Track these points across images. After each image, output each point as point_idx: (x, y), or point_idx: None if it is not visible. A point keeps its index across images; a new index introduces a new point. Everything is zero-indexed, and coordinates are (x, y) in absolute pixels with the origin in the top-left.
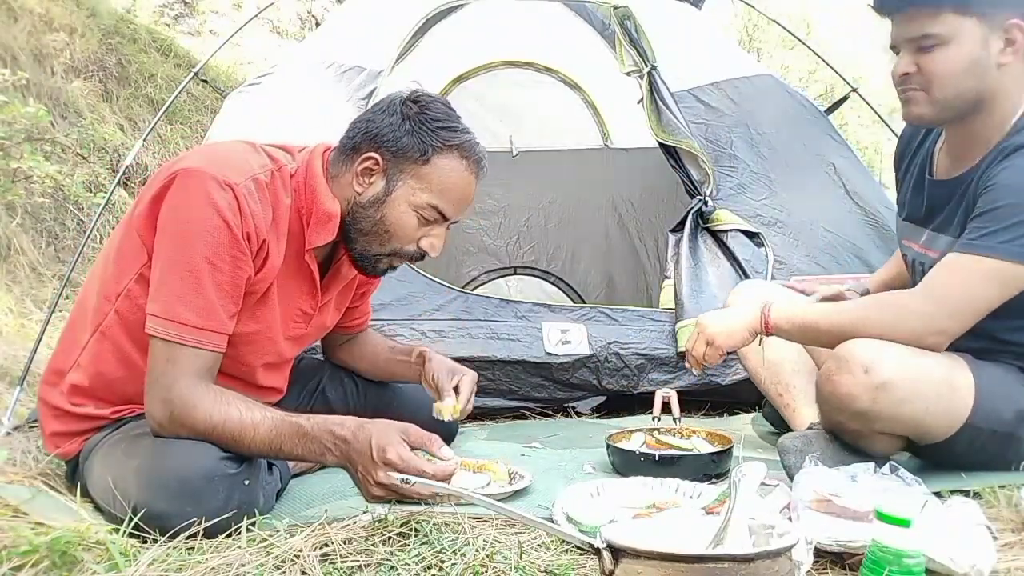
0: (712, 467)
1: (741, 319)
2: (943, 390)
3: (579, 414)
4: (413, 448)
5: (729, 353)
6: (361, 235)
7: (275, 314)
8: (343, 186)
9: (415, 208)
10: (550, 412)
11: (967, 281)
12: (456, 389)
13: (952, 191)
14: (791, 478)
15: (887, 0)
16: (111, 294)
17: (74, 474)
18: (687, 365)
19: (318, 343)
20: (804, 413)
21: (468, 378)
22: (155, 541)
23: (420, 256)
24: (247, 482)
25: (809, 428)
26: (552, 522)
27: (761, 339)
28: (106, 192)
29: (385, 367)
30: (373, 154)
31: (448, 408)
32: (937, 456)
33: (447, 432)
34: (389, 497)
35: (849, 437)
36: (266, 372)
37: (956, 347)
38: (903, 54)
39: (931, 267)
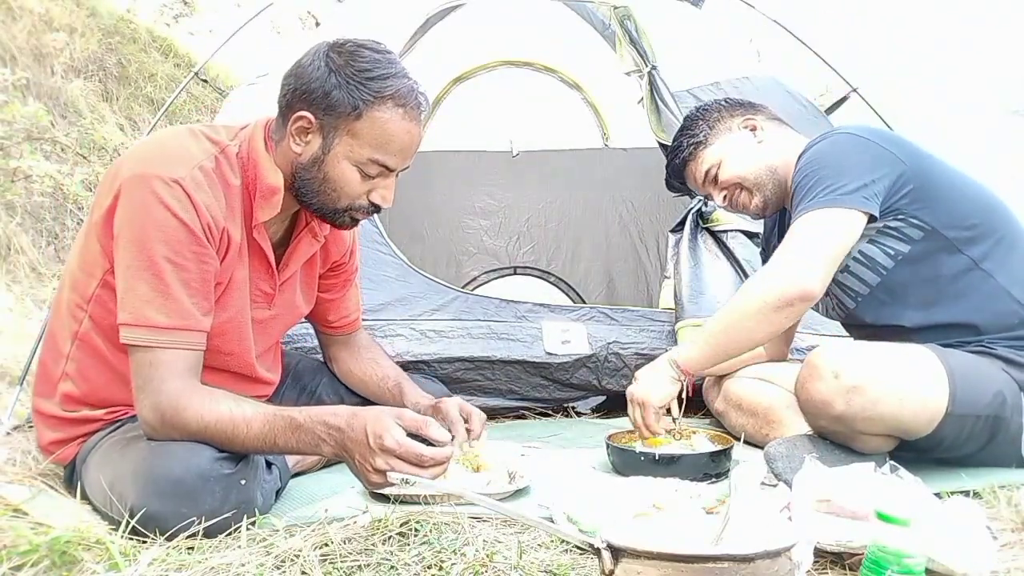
0: (712, 467)
1: (658, 373)
2: (915, 383)
3: (579, 414)
4: (408, 433)
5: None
6: (312, 194)
7: (244, 299)
8: (285, 149)
9: (356, 164)
10: (550, 412)
11: (807, 232)
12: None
13: None
14: (786, 484)
15: (673, 182)
16: (82, 300)
17: (71, 478)
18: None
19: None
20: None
21: (452, 408)
22: (155, 541)
23: (375, 209)
24: (243, 482)
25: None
26: (552, 522)
27: (684, 384)
28: None
29: (372, 396)
30: (305, 112)
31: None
32: (932, 451)
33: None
34: (388, 483)
35: (837, 439)
36: (259, 361)
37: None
38: (712, 194)
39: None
